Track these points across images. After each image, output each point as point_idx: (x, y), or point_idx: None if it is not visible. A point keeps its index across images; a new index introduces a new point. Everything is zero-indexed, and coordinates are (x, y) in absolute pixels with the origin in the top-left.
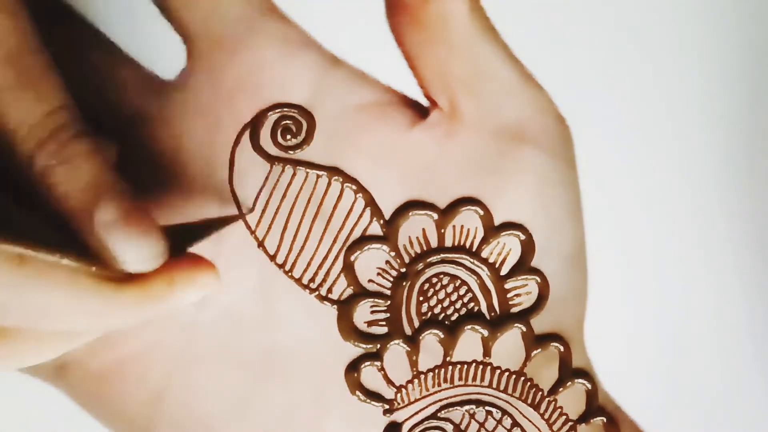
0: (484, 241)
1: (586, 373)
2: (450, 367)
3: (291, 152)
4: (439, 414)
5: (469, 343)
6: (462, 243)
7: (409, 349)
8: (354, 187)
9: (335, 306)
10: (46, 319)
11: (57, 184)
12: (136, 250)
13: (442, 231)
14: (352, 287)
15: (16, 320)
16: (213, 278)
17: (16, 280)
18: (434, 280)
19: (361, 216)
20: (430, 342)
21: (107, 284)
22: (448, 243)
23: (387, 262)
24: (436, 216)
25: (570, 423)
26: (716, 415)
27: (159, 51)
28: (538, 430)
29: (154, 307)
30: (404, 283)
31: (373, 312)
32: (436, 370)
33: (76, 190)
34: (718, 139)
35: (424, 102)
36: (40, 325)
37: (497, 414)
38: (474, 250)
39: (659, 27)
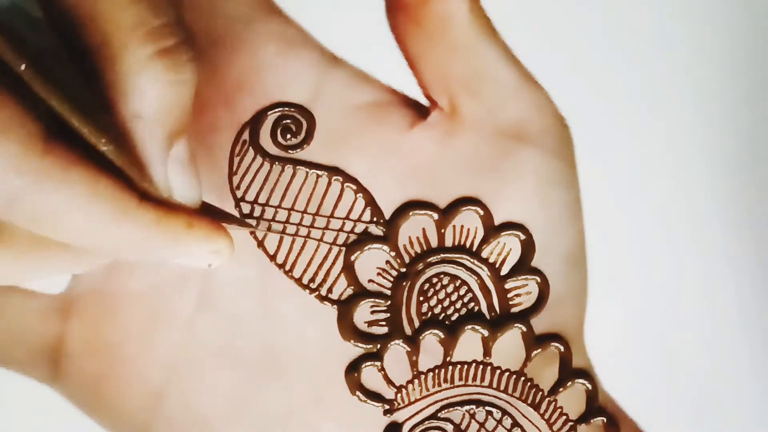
0: (484, 241)
1: (586, 373)
2: (450, 367)
3: (291, 152)
4: (439, 414)
5: (469, 343)
6: (462, 243)
7: (409, 349)
8: (354, 187)
9: (335, 306)
10: (53, 221)
11: (157, 100)
12: (188, 184)
13: (442, 231)
14: (352, 287)
15: (22, 216)
16: (227, 247)
17: (37, 169)
18: (434, 280)
19: (361, 216)
20: (430, 342)
21: (128, 195)
22: (448, 243)
23: (387, 262)
24: (436, 216)
25: (570, 423)
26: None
27: None
28: (538, 430)
29: (164, 241)
30: (404, 283)
31: (373, 312)
32: (437, 370)
33: (170, 114)
34: (713, 137)
35: (424, 102)
36: (45, 227)
37: (497, 414)
38: (474, 250)
39: (659, 27)
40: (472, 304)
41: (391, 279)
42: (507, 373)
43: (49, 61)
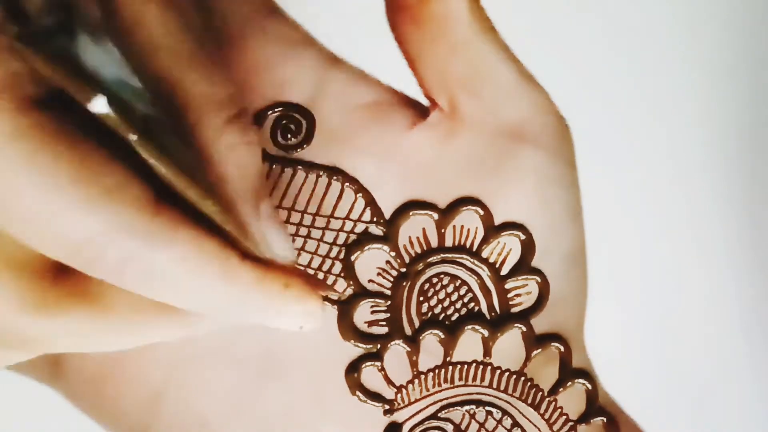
0: (485, 241)
1: (586, 373)
2: (450, 367)
3: (291, 152)
4: (439, 414)
5: (469, 343)
6: (462, 243)
7: (409, 349)
8: (354, 187)
9: (335, 306)
10: (163, 281)
11: (240, 163)
12: (285, 242)
13: (443, 231)
14: (352, 287)
15: (135, 278)
16: (318, 309)
17: (148, 231)
18: (434, 280)
19: (361, 216)
20: (431, 342)
21: (231, 254)
22: (449, 243)
23: (387, 262)
24: (436, 216)
25: (570, 423)
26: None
27: None
28: (538, 430)
29: (262, 300)
30: (404, 283)
31: (373, 312)
32: (437, 370)
33: (252, 175)
34: (713, 137)
35: (424, 102)
36: (155, 288)
37: (497, 414)
38: (474, 250)
39: (659, 28)
40: (472, 304)
41: (391, 279)
42: (507, 373)
43: (155, 129)
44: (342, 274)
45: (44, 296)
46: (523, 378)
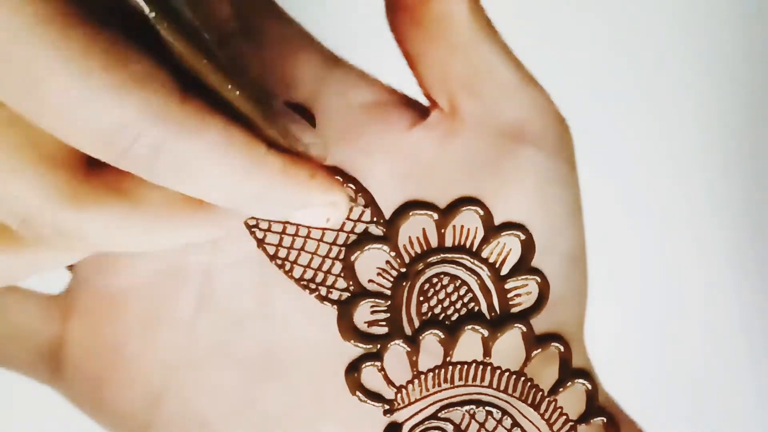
0: (485, 241)
1: (586, 373)
2: (450, 368)
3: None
4: (439, 414)
5: (469, 343)
6: (462, 243)
7: (409, 349)
8: (354, 187)
9: (335, 306)
10: (194, 171)
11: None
12: (312, 134)
13: (442, 231)
14: (352, 287)
15: (166, 168)
16: (344, 200)
17: (177, 117)
18: (434, 280)
19: (361, 216)
20: (430, 342)
21: (257, 143)
22: (448, 243)
23: (387, 262)
24: (436, 216)
25: (570, 423)
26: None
27: None
28: (538, 430)
29: (289, 188)
30: (404, 283)
31: (373, 312)
32: (436, 371)
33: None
34: (713, 137)
35: (424, 102)
36: (186, 178)
37: (497, 414)
38: (474, 250)
39: (659, 28)
40: (472, 304)
41: (391, 279)
42: (507, 373)
43: (177, 9)
44: (342, 274)
45: (79, 189)
46: (523, 378)
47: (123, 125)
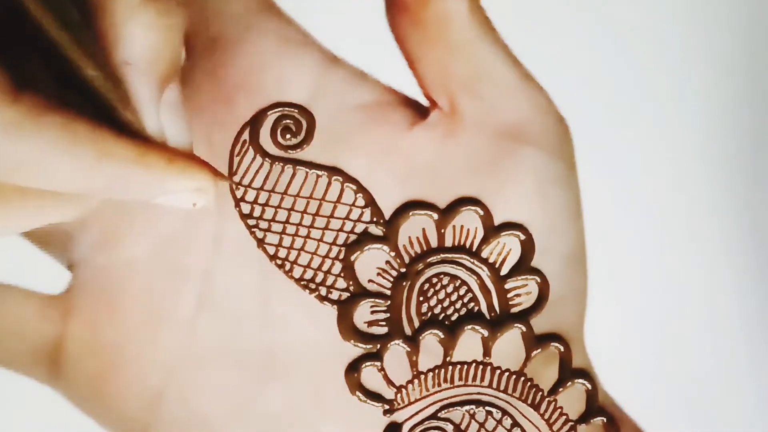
0: (484, 241)
1: (586, 373)
2: (450, 367)
3: (291, 152)
4: (439, 414)
5: (469, 343)
6: (462, 243)
7: (409, 349)
8: (354, 187)
9: (335, 306)
10: (33, 170)
11: (151, 46)
12: (181, 128)
13: (442, 231)
14: (352, 287)
15: (2, 168)
16: (210, 185)
17: (9, 119)
18: (434, 280)
19: (361, 216)
20: (430, 342)
21: (104, 132)
22: (448, 243)
23: (387, 262)
24: (436, 216)
25: (570, 423)
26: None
27: None
28: (538, 430)
29: (145, 176)
30: (404, 283)
31: (373, 312)
32: (436, 370)
33: (165, 59)
34: (712, 137)
35: (424, 102)
36: (27, 177)
37: (497, 414)
38: (474, 250)
39: (659, 28)
40: (472, 304)
41: (391, 279)
42: (507, 373)
43: None
44: (342, 275)
45: None
46: (523, 378)
47: None
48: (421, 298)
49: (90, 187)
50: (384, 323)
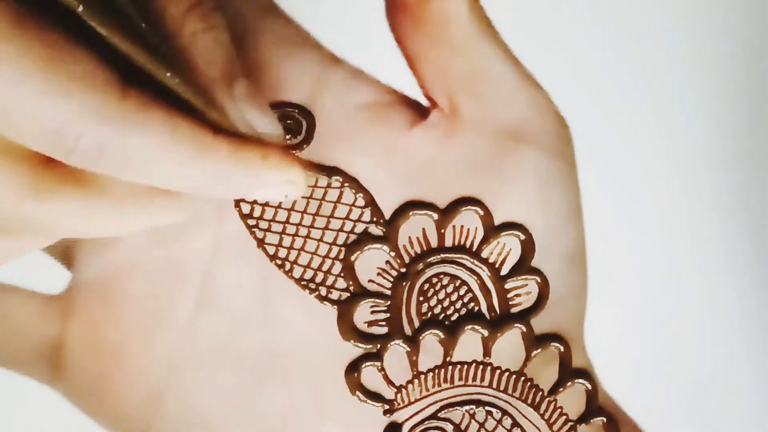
0: (484, 241)
1: (586, 373)
2: (450, 367)
3: (291, 152)
4: (439, 414)
5: (469, 343)
6: (462, 243)
7: (409, 349)
8: (354, 187)
9: (335, 306)
10: (139, 165)
11: (204, 50)
12: (267, 120)
13: (442, 231)
14: (352, 287)
15: (110, 166)
16: (301, 177)
17: (118, 115)
18: (434, 280)
19: (361, 216)
20: (430, 342)
21: (203, 130)
22: (448, 243)
23: (387, 262)
24: (436, 216)
25: (570, 423)
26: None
27: None
28: (538, 430)
29: (241, 172)
30: (404, 283)
31: (373, 312)
32: (436, 370)
33: (220, 59)
34: (712, 137)
35: (424, 102)
36: (132, 172)
37: (497, 414)
38: (474, 250)
39: (659, 28)
40: (472, 304)
41: (391, 279)
42: (507, 373)
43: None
44: (342, 275)
45: (41, 180)
46: (523, 378)
47: (63, 126)
48: (421, 298)
49: (189, 182)
50: (384, 323)
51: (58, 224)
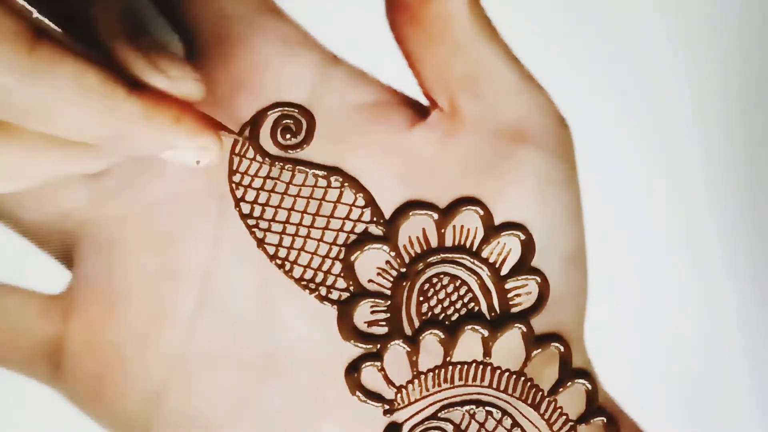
0: (485, 241)
1: (586, 373)
2: (450, 368)
3: (291, 152)
4: (439, 414)
5: (469, 343)
6: (462, 243)
7: (409, 350)
8: (354, 187)
9: (335, 306)
10: (42, 115)
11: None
12: (186, 72)
13: (442, 231)
14: (352, 287)
15: (15, 113)
16: (215, 145)
17: (25, 66)
18: (434, 280)
19: (361, 216)
20: (430, 342)
21: (116, 87)
22: (449, 243)
23: (387, 262)
24: (436, 216)
25: (570, 423)
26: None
27: None
28: (538, 430)
29: (151, 133)
30: (404, 283)
31: (373, 312)
32: (437, 371)
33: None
34: (712, 138)
35: (424, 102)
36: (36, 121)
37: (497, 414)
38: (474, 250)
39: (660, 29)
40: (472, 304)
41: (391, 279)
42: (507, 373)
43: None
44: (342, 275)
45: None
46: (523, 378)
47: None
48: (421, 298)
49: (97, 135)
50: (384, 323)
51: None
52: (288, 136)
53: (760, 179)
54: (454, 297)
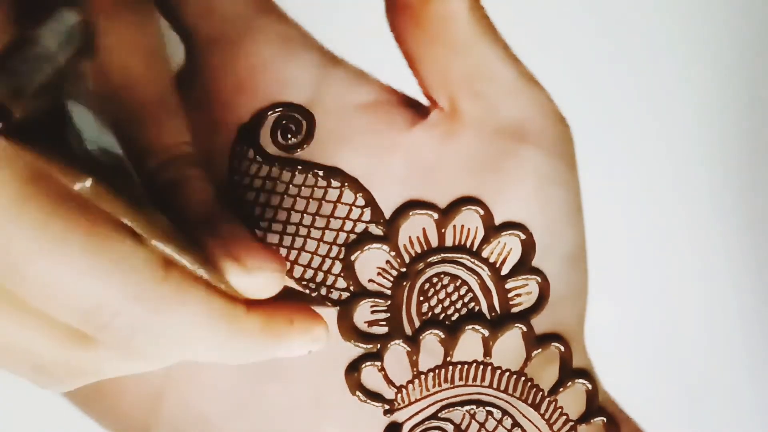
0: (485, 240)
1: (586, 373)
2: (450, 367)
3: (291, 152)
4: (439, 414)
5: (470, 343)
6: (462, 243)
7: (409, 349)
8: (354, 187)
9: (335, 306)
10: (173, 342)
11: (180, 195)
12: (251, 278)
13: (443, 231)
14: (352, 287)
15: (146, 342)
16: (324, 333)
17: (159, 295)
18: (435, 279)
19: (361, 216)
20: (431, 342)
21: (236, 306)
22: (449, 243)
23: (387, 262)
24: (436, 216)
25: (570, 423)
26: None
27: None
28: (539, 430)
29: (273, 343)
30: (404, 283)
31: (373, 312)
32: (437, 370)
33: (194, 202)
34: (712, 137)
35: (424, 102)
36: (166, 349)
37: (498, 414)
38: (474, 249)
39: (660, 29)
40: (473, 303)
41: (391, 279)
42: (507, 373)
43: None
44: (342, 274)
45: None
46: (523, 378)
47: (100, 306)
48: (421, 298)
49: (222, 355)
50: (384, 323)
51: (98, 369)
52: (288, 136)
53: (760, 179)
54: (454, 297)
